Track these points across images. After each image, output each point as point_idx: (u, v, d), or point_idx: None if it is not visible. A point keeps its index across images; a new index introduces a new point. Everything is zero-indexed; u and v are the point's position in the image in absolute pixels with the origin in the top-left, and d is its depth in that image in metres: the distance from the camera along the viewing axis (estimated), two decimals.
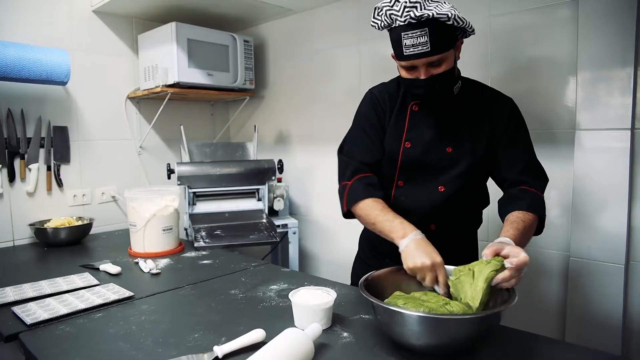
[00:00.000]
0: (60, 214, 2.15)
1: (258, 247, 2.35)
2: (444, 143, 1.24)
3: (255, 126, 2.44)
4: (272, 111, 2.69)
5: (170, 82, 2.19)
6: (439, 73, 1.14)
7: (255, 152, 2.43)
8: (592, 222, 1.52)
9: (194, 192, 2.13)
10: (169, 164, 2.21)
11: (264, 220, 2.14)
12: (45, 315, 1.13)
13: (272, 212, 2.33)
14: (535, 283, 1.69)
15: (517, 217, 1.14)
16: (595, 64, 1.47)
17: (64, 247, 1.94)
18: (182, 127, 2.32)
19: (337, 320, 1.08)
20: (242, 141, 2.66)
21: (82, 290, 1.32)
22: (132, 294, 1.29)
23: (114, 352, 0.96)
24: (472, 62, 1.77)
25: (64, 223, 2.01)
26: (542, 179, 1.25)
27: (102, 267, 1.56)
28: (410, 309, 0.90)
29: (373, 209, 1.20)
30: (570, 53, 1.54)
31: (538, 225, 1.19)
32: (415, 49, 1.10)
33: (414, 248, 1.06)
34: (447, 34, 1.10)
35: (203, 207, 2.15)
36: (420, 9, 1.06)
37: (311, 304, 1.03)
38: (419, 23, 1.08)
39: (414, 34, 1.09)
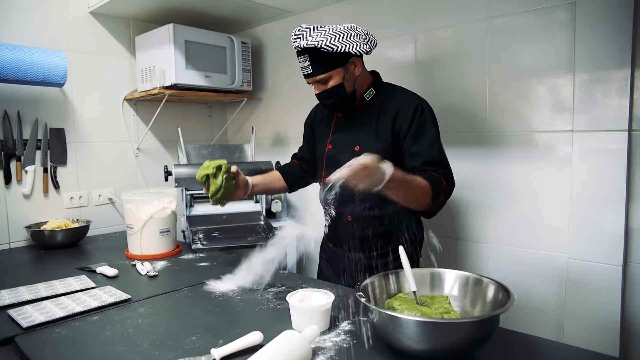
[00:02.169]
0: (56, 216, 2.14)
1: (256, 249, 2.34)
2: (354, 143, 1.44)
3: (253, 128, 2.43)
4: (270, 113, 2.68)
5: (168, 83, 2.19)
6: (327, 88, 1.39)
7: (253, 154, 2.43)
8: (590, 224, 1.53)
9: (192, 194, 2.13)
10: (166, 165, 2.21)
11: (262, 222, 2.14)
12: (41, 318, 1.12)
13: (270, 214, 2.32)
14: (533, 285, 1.69)
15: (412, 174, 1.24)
16: (592, 65, 1.48)
17: (61, 249, 1.93)
18: (179, 128, 2.31)
19: (335, 323, 1.08)
20: (239, 143, 2.67)
21: (79, 293, 1.32)
22: (129, 296, 1.29)
23: (111, 355, 0.95)
24: (469, 64, 1.77)
25: (60, 225, 2.00)
26: (442, 169, 1.32)
27: (99, 269, 1.56)
28: (406, 313, 0.89)
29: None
30: (567, 54, 1.54)
31: (429, 202, 1.27)
32: (304, 71, 1.39)
33: None
34: (326, 58, 1.34)
35: (200, 209, 2.14)
36: (302, 40, 1.33)
37: (309, 306, 1.03)
38: (302, 51, 1.35)
39: (301, 59, 1.38)
